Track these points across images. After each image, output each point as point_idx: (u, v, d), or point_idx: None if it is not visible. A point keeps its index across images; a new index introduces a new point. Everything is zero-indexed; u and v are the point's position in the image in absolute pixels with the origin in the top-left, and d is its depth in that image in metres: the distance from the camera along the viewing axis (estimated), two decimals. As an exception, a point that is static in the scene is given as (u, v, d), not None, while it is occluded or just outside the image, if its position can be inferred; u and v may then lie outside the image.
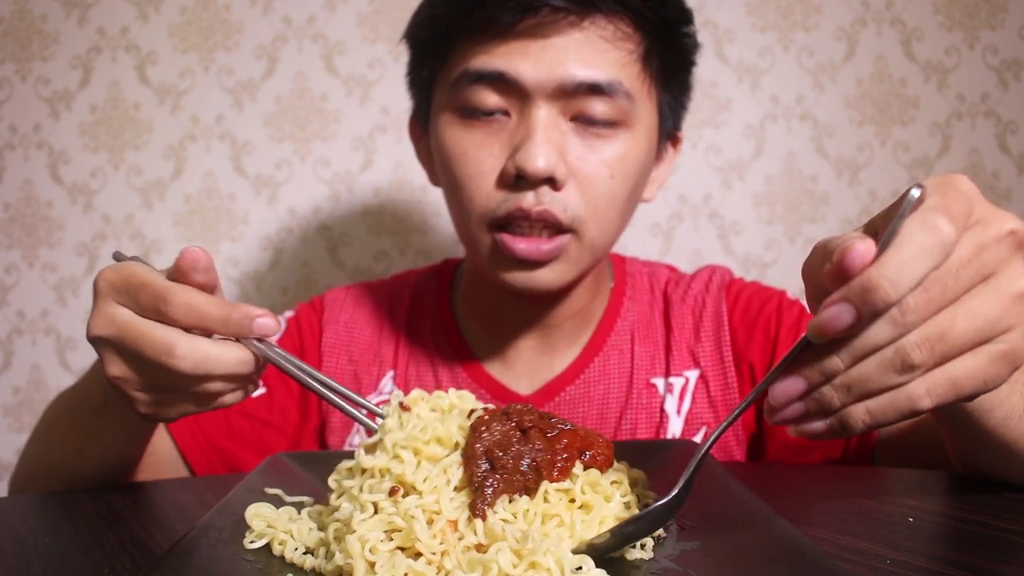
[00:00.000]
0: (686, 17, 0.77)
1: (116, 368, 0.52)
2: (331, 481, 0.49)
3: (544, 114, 0.70)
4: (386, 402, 0.50)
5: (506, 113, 0.72)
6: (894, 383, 0.39)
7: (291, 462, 0.62)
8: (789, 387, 0.41)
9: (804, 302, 0.63)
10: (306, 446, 0.86)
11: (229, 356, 0.50)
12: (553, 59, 0.69)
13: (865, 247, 0.37)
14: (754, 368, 0.81)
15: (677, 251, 1.28)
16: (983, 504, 0.55)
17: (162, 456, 0.80)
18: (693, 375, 0.82)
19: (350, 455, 0.49)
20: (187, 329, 0.50)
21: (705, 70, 1.28)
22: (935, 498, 0.57)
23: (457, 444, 0.46)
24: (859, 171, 1.28)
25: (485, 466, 0.44)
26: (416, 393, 0.50)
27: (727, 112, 1.28)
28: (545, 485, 0.44)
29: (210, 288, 0.52)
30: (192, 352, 0.49)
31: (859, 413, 0.40)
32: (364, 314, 0.90)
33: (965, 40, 1.28)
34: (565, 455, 0.45)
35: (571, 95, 0.70)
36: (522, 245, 0.71)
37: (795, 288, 0.75)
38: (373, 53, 1.28)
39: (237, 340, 0.51)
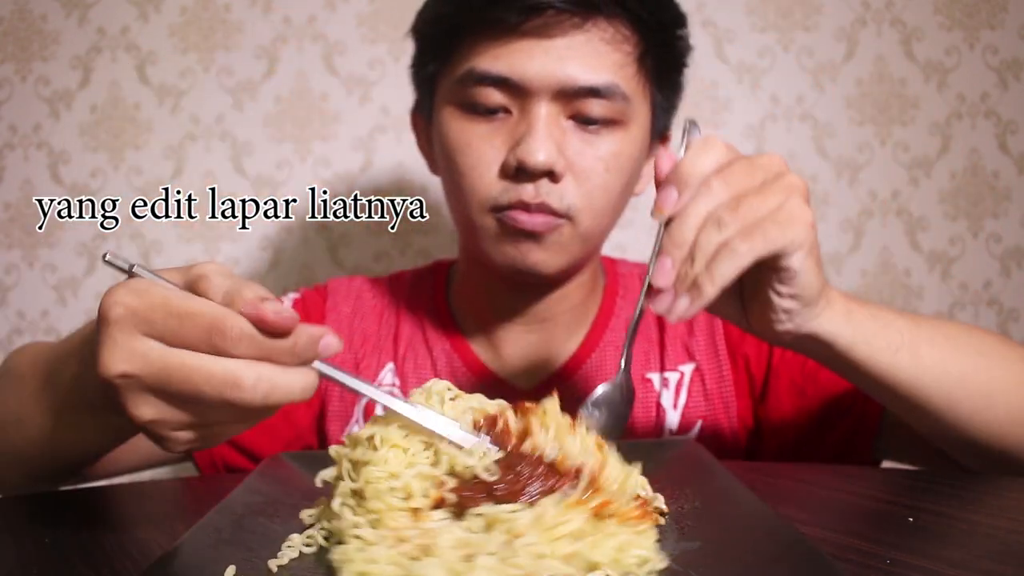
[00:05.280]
0: (681, 20, 0.80)
1: (150, 410, 0.44)
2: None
3: (545, 111, 0.72)
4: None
5: (507, 111, 0.74)
6: (719, 241, 0.50)
7: (291, 462, 0.62)
8: (663, 264, 0.51)
9: None
10: (305, 433, 0.86)
11: (298, 382, 0.43)
12: (556, 61, 0.72)
13: (667, 154, 0.54)
14: (749, 360, 0.82)
15: (677, 251, 1.27)
16: (983, 504, 0.55)
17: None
18: (688, 369, 0.84)
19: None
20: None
21: (705, 70, 1.28)
22: (935, 498, 0.57)
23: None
24: (859, 171, 1.28)
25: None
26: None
27: (727, 112, 1.28)
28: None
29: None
30: (259, 382, 0.42)
31: (704, 276, 0.51)
32: (365, 306, 0.91)
33: (965, 40, 1.28)
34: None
35: (571, 96, 0.72)
36: (523, 217, 0.73)
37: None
38: (373, 53, 1.28)
39: None
